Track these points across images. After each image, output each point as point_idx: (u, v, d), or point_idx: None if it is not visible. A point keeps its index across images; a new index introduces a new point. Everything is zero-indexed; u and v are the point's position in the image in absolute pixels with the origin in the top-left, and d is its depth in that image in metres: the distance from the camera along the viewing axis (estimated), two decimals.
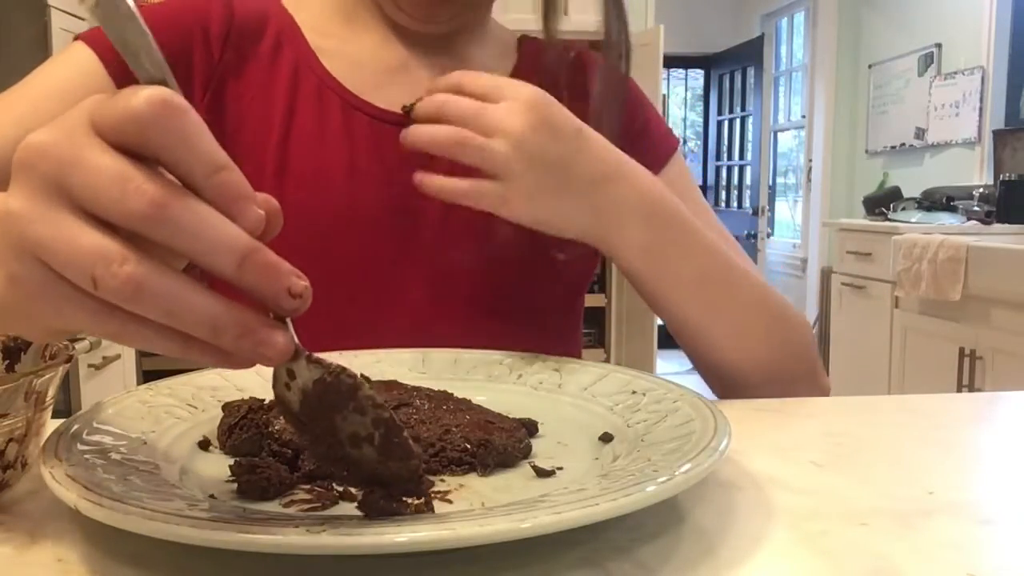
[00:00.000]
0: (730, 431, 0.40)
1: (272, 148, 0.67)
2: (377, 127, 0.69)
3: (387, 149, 0.69)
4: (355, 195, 0.68)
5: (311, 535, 0.28)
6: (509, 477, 0.42)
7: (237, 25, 0.69)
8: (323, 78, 0.70)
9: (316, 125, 0.68)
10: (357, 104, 0.70)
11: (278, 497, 0.38)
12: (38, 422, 0.41)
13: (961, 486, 0.44)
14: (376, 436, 0.32)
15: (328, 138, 0.68)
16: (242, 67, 0.69)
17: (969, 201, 3.31)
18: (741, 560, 0.34)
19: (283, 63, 0.70)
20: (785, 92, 5.63)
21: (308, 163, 0.67)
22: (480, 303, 0.71)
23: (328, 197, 0.67)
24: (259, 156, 0.67)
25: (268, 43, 0.70)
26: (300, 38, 0.71)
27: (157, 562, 0.33)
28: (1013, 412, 0.62)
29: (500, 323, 0.71)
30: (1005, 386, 2.48)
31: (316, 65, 0.70)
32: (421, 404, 0.48)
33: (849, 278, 3.55)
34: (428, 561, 0.33)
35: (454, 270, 0.70)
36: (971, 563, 0.34)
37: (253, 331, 0.29)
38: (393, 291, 0.69)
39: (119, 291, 0.28)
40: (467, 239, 0.70)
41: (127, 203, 0.27)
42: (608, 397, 0.51)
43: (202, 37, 0.68)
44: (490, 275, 0.71)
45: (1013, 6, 3.54)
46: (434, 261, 0.69)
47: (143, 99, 0.28)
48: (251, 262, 0.29)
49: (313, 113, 0.69)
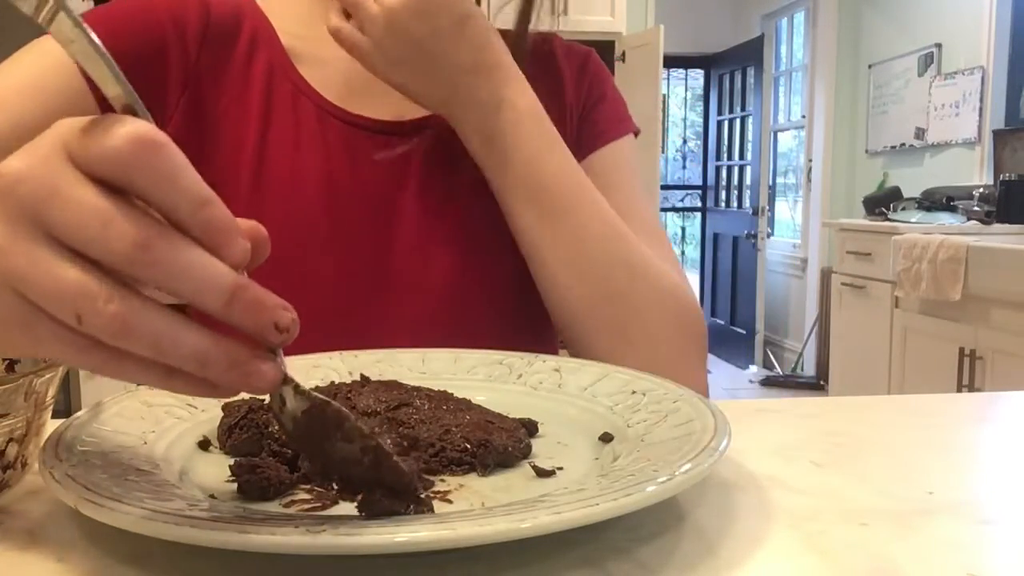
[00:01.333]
0: (730, 431, 0.40)
1: (248, 153, 0.67)
2: (351, 133, 0.69)
3: (361, 155, 0.69)
4: (331, 201, 0.68)
5: (311, 535, 0.28)
6: (509, 477, 0.42)
7: (213, 25, 0.69)
8: (298, 84, 0.70)
9: (291, 131, 0.68)
10: (331, 110, 0.70)
11: (278, 497, 0.38)
12: (38, 422, 0.41)
13: (961, 486, 0.44)
14: (366, 461, 0.33)
15: (303, 144, 0.68)
16: (218, 69, 0.69)
17: (969, 201, 3.32)
18: (741, 560, 0.34)
19: (258, 67, 0.69)
20: (785, 92, 5.63)
21: (284, 169, 0.67)
22: (457, 302, 0.70)
23: (304, 203, 0.67)
24: (236, 162, 0.67)
25: (243, 45, 0.70)
26: (274, 40, 0.71)
27: (157, 562, 0.33)
28: (1013, 412, 0.62)
29: (479, 322, 0.70)
30: (1005, 386, 2.49)
31: (291, 70, 0.70)
32: (421, 404, 0.48)
33: (849, 278, 3.55)
34: (428, 561, 0.33)
35: (431, 273, 0.69)
36: (971, 563, 0.34)
37: (241, 364, 0.29)
38: (371, 296, 0.68)
39: (105, 329, 0.27)
40: (444, 242, 0.70)
41: (109, 244, 0.27)
42: (608, 397, 0.51)
43: (177, 36, 0.67)
44: (467, 276, 0.70)
45: (1013, 6, 3.54)
46: (412, 265, 0.69)
47: (123, 139, 0.27)
48: (238, 300, 0.28)
49: (288, 119, 0.68)
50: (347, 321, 0.67)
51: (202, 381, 0.29)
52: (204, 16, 0.69)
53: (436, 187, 0.71)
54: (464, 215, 0.71)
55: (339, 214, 0.68)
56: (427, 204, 0.70)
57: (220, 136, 0.67)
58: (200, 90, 0.68)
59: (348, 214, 0.68)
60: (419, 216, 0.69)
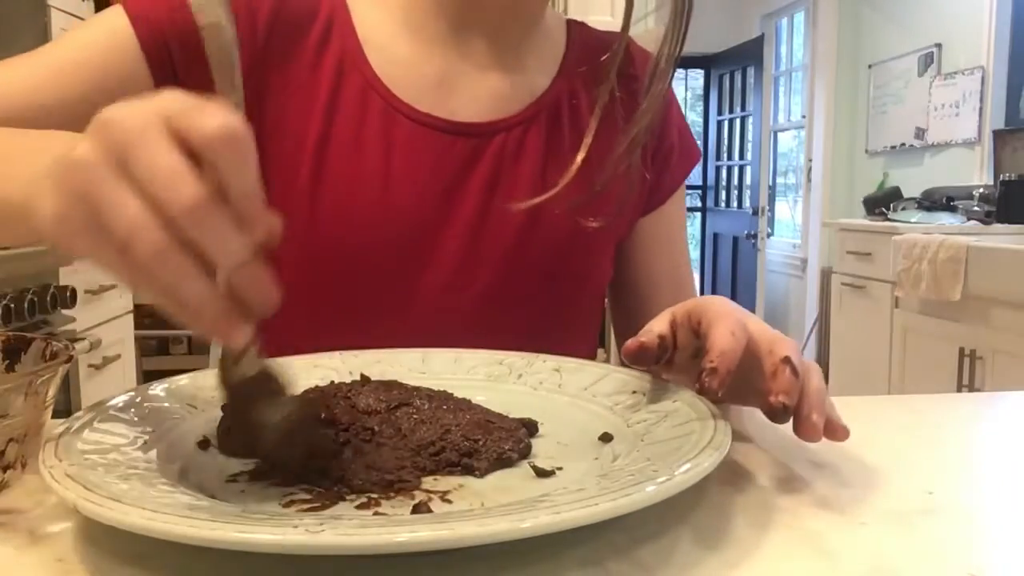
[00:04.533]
0: (730, 431, 0.40)
1: (311, 146, 0.67)
2: (416, 131, 0.69)
3: (423, 154, 0.68)
4: (388, 200, 0.67)
5: (311, 535, 0.28)
6: (509, 477, 0.42)
7: (286, 10, 0.68)
8: (368, 78, 0.69)
9: (355, 128, 0.68)
10: (399, 107, 0.69)
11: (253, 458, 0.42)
12: (38, 422, 0.41)
13: (961, 486, 0.44)
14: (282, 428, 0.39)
15: (366, 143, 0.68)
16: (287, 58, 0.68)
17: (969, 201, 3.31)
18: (741, 560, 0.34)
19: (329, 56, 0.68)
20: (785, 92, 5.62)
21: (345, 165, 0.67)
22: (497, 306, 0.70)
23: (362, 202, 0.67)
24: (298, 153, 0.66)
25: (317, 33, 0.69)
26: (349, 29, 0.70)
27: (157, 562, 0.33)
28: (1013, 412, 0.62)
29: (520, 327, 0.71)
30: (1005, 386, 2.48)
31: (362, 63, 0.69)
32: (421, 404, 0.48)
33: (849, 278, 3.55)
34: (428, 561, 0.33)
35: (476, 275, 0.70)
36: (971, 563, 0.34)
37: (228, 317, 0.35)
38: (413, 292, 0.69)
39: (145, 253, 0.33)
40: (493, 246, 0.70)
41: (174, 194, 0.32)
42: (608, 397, 0.51)
43: (248, 21, 0.66)
44: (512, 282, 0.71)
45: (1013, 6, 3.54)
46: (458, 266, 0.69)
47: (221, 125, 0.33)
48: (248, 268, 0.35)
49: (354, 115, 0.68)
50: (382, 308, 0.68)
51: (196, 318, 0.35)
52: (277, 4, 0.68)
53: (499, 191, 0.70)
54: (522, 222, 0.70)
55: (395, 211, 0.68)
56: (483, 209, 0.70)
57: (284, 124, 0.67)
58: (266, 78, 0.67)
59: (404, 211, 0.68)
60: (474, 217, 0.69)
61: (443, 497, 0.39)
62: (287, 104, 0.67)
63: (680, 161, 0.80)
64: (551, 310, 0.74)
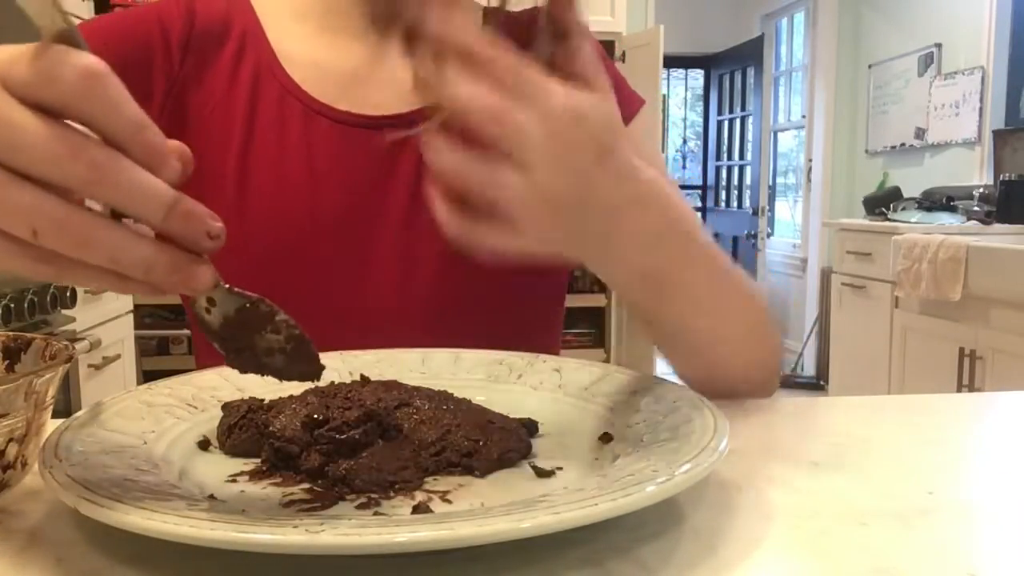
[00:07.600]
0: (730, 431, 0.40)
1: (233, 159, 0.67)
2: (338, 131, 0.69)
3: (348, 153, 0.69)
4: (316, 201, 0.67)
5: (311, 535, 0.28)
6: (509, 477, 0.42)
7: (199, 30, 0.69)
8: (285, 84, 0.69)
9: (276, 136, 0.68)
10: (318, 109, 0.69)
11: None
12: (38, 422, 0.41)
13: (961, 486, 0.44)
14: (288, 348, 0.38)
15: (288, 147, 0.68)
16: (203, 75, 0.69)
17: (969, 201, 3.31)
18: (741, 560, 0.34)
19: (245, 69, 0.69)
20: (785, 92, 5.62)
21: (269, 173, 0.67)
22: (447, 301, 0.70)
23: (289, 205, 0.67)
24: (221, 164, 0.67)
25: (231, 49, 0.70)
26: (263, 41, 0.71)
27: (157, 562, 0.33)
28: (1013, 412, 0.62)
29: (470, 321, 0.70)
30: (1005, 386, 2.48)
31: (278, 71, 0.70)
32: (421, 404, 0.48)
33: (849, 278, 3.55)
34: (428, 561, 0.33)
35: (419, 271, 0.69)
36: (971, 563, 0.34)
37: (182, 267, 0.32)
38: (358, 295, 0.68)
39: (66, 242, 0.30)
40: (431, 239, 0.69)
41: (67, 167, 0.29)
42: (608, 397, 0.51)
43: (162, 43, 0.68)
44: (454, 273, 0.70)
45: (1013, 6, 3.54)
46: (399, 263, 0.69)
47: (76, 70, 0.29)
48: (176, 212, 0.31)
49: (273, 121, 0.68)
50: (328, 314, 0.67)
51: (145, 283, 0.32)
52: (189, 21, 0.69)
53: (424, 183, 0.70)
54: None
55: (325, 212, 0.68)
56: (414, 201, 0.69)
57: (206, 140, 0.67)
58: (184, 95, 0.68)
59: (334, 211, 0.68)
60: (406, 209, 0.69)
61: (443, 497, 0.39)
62: (208, 120, 0.68)
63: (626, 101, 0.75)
64: (504, 306, 0.72)
